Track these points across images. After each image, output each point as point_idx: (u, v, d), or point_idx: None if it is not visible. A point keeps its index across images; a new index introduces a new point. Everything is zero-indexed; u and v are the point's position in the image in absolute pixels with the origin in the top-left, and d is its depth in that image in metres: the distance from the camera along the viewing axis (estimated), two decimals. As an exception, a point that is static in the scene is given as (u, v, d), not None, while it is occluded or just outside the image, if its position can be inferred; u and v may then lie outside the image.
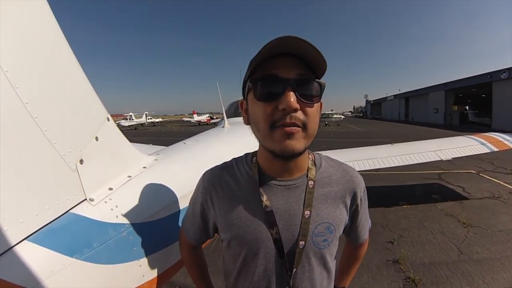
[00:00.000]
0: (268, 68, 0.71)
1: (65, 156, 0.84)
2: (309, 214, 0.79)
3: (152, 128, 39.25)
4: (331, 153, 5.25)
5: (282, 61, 0.71)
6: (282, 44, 0.67)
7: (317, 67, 0.73)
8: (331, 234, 0.82)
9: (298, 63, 0.71)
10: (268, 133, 0.72)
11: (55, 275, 0.75)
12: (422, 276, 2.99)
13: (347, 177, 0.88)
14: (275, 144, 0.72)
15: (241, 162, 0.90)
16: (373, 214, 4.75)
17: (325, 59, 0.71)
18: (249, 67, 0.74)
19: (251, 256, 0.81)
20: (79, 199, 0.89)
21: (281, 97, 0.69)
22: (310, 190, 0.81)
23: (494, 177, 7.03)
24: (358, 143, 7.84)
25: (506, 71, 22.38)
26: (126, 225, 0.98)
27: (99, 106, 1.03)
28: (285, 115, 0.69)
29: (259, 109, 0.72)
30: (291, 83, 0.69)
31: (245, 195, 0.83)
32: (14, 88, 0.72)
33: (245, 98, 0.82)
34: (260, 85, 0.71)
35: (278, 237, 0.78)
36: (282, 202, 0.81)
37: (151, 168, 1.27)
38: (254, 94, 0.73)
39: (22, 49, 0.76)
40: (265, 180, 0.83)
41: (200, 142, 2.14)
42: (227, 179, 0.87)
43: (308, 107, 0.71)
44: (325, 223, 0.81)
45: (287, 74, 0.70)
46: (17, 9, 0.74)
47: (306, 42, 0.66)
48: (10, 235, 0.71)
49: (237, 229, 0.81)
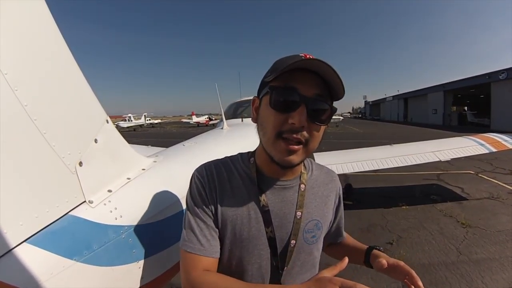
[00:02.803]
0: (289, 79, 0.73)
1: (65, 158, 0.85)
2: (300, 215, 0.85)
3: (151, 129, 39.19)
4: (329, 154, 5.26)
5: (304, 77, 0.73)
6: (310, 63, 0.70)
7: (335, 91, 0.76)
8: (319, 231, 0.89)
9: (319, 82, 0.73)
10: (273, 140, 0.75)
11: (54, 277, 0.75)
12: (421, 277, 2.96)
13: (329, 178, 0.99)
14: (276, 153, 0.76)
15: (237, 160, 0.91)
16: (372, 215, 4.77)
17: (344, 87, 0.74)
18: (272, 72, 0.75)
19: (245, 254, 0.82)
20: (78, 201, 0.89)
21: (293, 112, 0.71)
22: (302, 193, 0.87)
23: (493, 178, 7.05)
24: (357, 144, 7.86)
25: (505, 71, 22.48)
26: (125, 227, 0.98)
27: (99, 108, 1.03)
28: (292, 130, 0.72)
29: (270, 115, 0.75)
30: (307, 101, 0.72)
31: (244, 193, 0.84)
32: (14, 91, 0.72)
33: (260, 98, 0.83)
34: (278, 94, 0.74)
35: (272, 235, 0.82)
36: (278, 201, 0.84)
37: (150, 170, 1.27)
38: (270, 100, 0.75)
39: (21, 51, 0.76)
40: (262, 179, 0.85)
41: (199, 143, 2.14)
42: (225, 175, 0.86)
43: (315, 128, 0.75)
44: (314, 220, 0.88)
45: (306, 92, 0.72)
46: (15, 11, 0.74)
47: (332, 69, 0.69)
48: (10, 237, 0.71)
49: (233, 226, 0.81)
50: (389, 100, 56.15)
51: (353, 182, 6.14)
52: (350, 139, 18.55)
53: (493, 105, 24.39)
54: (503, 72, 22.64)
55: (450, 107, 34.50)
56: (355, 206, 5.18)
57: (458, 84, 30.08)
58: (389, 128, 28.59)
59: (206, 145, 2.13)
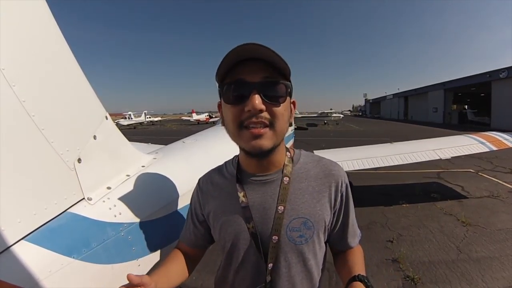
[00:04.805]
0: (236, 73, 0.76)
1: (63, 155, 0.84)
2: (282, 210, 0.82)
3: (151, 127, 39.17)
4: (329, 152, 5.26)
5: (249, 66, 0.75)
6: (246, 50, 0.72)
7: (283, 69, 0.77)
8: (308, 230, 0.82)
9: (264, 67, 0.75)
10: (237, 133, 0.78)
11: (53, 275, 0.75)
12: (421, 275, 3.00)
13: (326, 171, 0.89)
14: (244, 143, 0.78)
15: (229, 163, 0.97)
16: (373, 213, 4.76)
17: (286, 62, 0.75)
18: (217, 74, 0.79)
19: (232, 250, 0.86)
20: (77, 198, 0.89)
21: (247, 100, 0.73)
22: (285, 186, 0.84)
23: (493, 176, 7.04)
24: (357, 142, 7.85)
25: (505, 70, 22.39)
26: (124, 224, 0.97)
27: (97, 104, 1.02)
28: (251, 116, 0.74)
29: (228, 111, 0.78)
30: (256, 86, 0.74)
31: (227, 192, 0.89)
32: (11, 86, 0.71)
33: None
34: (228, 90, 0.77)
35: (254, 231, 0.82)
36: (258, 196, 0.85)
37: (150, 167, 1.26)
38: (224, 98, 0.79)
39: (19, 47, 0.75)
40: (243, 177, 0.89)
41: (199, 141, 2.14)
42: (217, 179, 0.94)
43: (274, 107, 0.76)
44: (301, 218, 0.82)
45: (253, 78, 0.74)
46: (14, 8, 0.73)
47: (267, 48, 0.71)
48: (8, 235, 0.70)
49: (221, 224, 0.87)
50: (389, 98, 56.04)
51: (353, 180, 6.13)
52: (350, 137, 18.55)
53: (493, 104, 24.33)
54: (504, 71, 22.55)
55: (451, 105, 34.40)
56: (355, 204, 5.13)
57: (458, 82, 29.99)
58: (389, 126, 28.55)
59: (206, 142, 2.12)
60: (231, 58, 0.73)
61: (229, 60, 0.73)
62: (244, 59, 0.74)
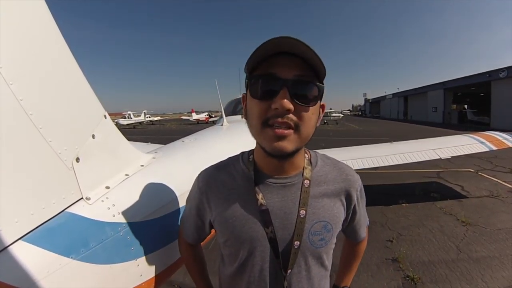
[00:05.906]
0: (267, 66, 0.70)
1: (61, 154, 0.83)
2: (304, 214, 0.78)
3: (150, 126, 39.17)
4: (329, 152, 5.25)
5: (283, 60, 0.69)
6: (281, 44, 0.66)
7: (318, 69, 0.72)
8: (328, 233, 0.81)
9: (299, 63, 0.70)
10: (260, 130, 0.72)
11: (51, 275, 0.74)
12: (421, 274, 3.00)
13: (343, 176, 0.88)
14: (266, 143, 0.72)
15: (237, 160, 0.90)
16: (372, 213, 4.76)
17: (323, 63, 0.70)
18: (247, 64, 0.73)
19: (247, 256, 0.81)
20: (75, 198, 0.88)
21: (275, 97, 0.68)
22: (306, 189, 0.81)
23: (493, 176, 7.05)
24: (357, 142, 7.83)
25: (505, 70, 22.39)
26: (123, 224, 0.96)
27: (96, 103, 1.01)
28: (277, 115, 0.68)
29: (254, 106, 0.73)
30: (287, 83, 0.68)
31: (240, 194, 0.83)
32: (9, 85, 0.70)
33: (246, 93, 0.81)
34: (256, 83, 0.72)
35: (273, 236, 0.78)
36: (278, 200, 0.80)
37: (149, 166, 1.25)
38: (250, 91, 0.74)
39: (18, 46, 0.74)
40: (260, 178, 0.82)
41: (199, 140, 2.12)
42: (223, 178, 0.87)
43: (303, 109, 0.71)
44: (322, 221, 0.80)
45: (285, 74, 0.69)
46: (14, 8, 0.72)
47: (306, 46, 0.66)
48: (5, 235, 0.69)
49: (232, 228, 0.81)
50: (389, 98, 56.04)
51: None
52: (350, 136, 18.55)
53: (493, 104, 24.34)
54: (503, 71, 22.55)
55: (450, 105, 34.41)
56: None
57: (458, 82, 29.98)
58: (389, 126, 28.56)
59: (206, 141, 2.12)
60: (266, 49, 0.67)
61: (263, 51, 0.68)
62: (279, 52, 0.68)
